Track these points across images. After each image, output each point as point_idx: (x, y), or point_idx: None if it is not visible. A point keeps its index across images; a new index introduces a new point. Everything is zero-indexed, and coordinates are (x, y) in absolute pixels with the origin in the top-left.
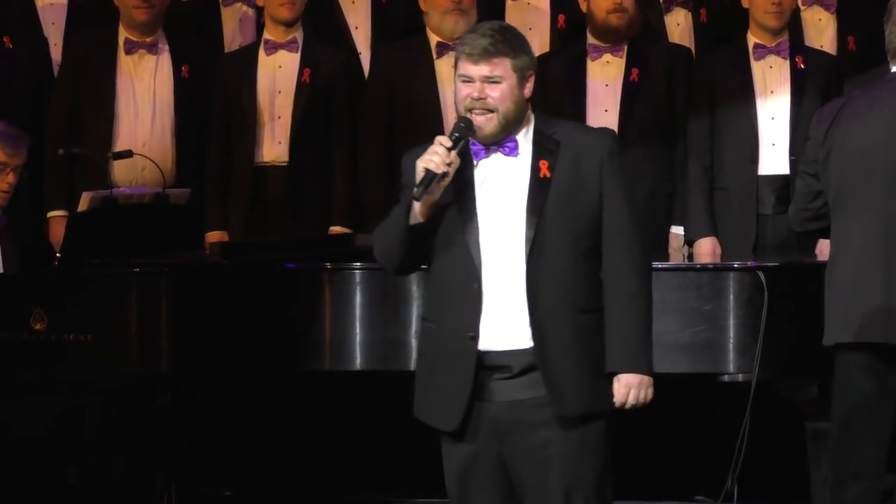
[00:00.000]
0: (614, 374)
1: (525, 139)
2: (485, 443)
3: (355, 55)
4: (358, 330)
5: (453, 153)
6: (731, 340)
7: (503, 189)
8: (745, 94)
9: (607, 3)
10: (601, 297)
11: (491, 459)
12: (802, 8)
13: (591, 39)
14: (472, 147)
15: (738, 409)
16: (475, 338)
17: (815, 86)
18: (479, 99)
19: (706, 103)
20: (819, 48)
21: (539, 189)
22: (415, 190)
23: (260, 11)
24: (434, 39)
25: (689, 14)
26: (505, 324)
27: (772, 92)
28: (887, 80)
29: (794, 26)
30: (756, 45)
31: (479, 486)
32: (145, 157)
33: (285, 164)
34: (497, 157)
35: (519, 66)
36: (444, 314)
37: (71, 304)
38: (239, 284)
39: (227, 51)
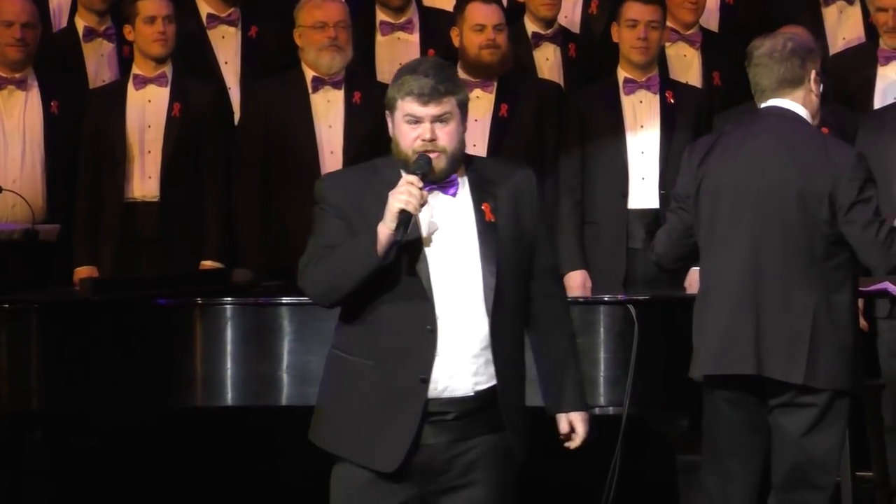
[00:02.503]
0: (563, 412)
1: (462, 178)
2: (414, 486)
3: (225, 90)
4: (229, 365)
5: (425, 192)
6: (602, 374)
7: (449, 231)
8: (615, 129)
9: (480, 39)
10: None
11: (415, 501)
12: (667, 44)
13: (461, 74)
14: None
15: (610, 442)
16: (426, 380)
17: (684, 120)
18: (431, 140)
19: (577, 138)
20: (687, 83)
21: (488, 234)
22: (397, 232)
23: (121, 46)
24: (310, 74)
25: (559, 49)
26: (457, 369)
27: (642, 126)
28: (758, 116)
29: (660, 62)
30: (626, 80)
31: None
32: (15, 193)
33: (156, 199)
34: (435, 195)
35: (462, 102)
36: (387, 354)
37: None
38: (110, 321)
39: (90, 86)
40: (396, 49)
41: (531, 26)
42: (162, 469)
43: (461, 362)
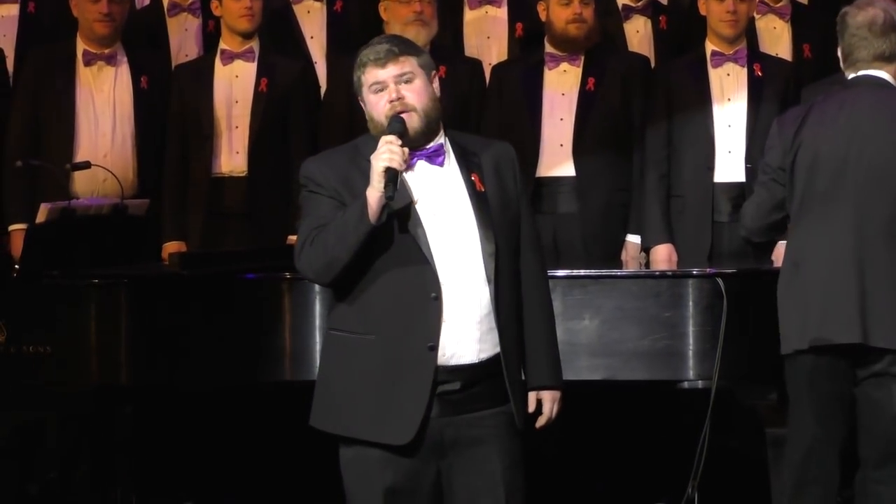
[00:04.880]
0: (536, 388)
1: (446, 148)
2: (426, 459)
3: (311, 64)
4: (318, 339)
5: (405, 149)
6: (691, 347)
7: (442, 200)
8: (702, 102)
9: (567, 14)
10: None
11: (430, 477)
12: (757, 17)
13: (548, 48)
14: None
15: (699, 416)
16: (434, 348)
17: (772, 93)
18: (398, 99)
19: (663, 111)
20: (776, 56)
21: (481, 202)
22: (386, 191)
23: (205, 21)
24: None
25: (649, 21)
26: (461, 336)
27: (729, 99)
28: (852, 84)
29: (750, 35)
30: (714, 53)
31: (411, 503)
32: (104, 168)
33: (243, 174)
34: (423, 167)
35: (424, 64)
36: (391, 325)
37: (30, 316)
38: (198, 295)
39: (173, 60)
40: (484, 24)
41: None
42: (249, 443)
43: (466, 328)
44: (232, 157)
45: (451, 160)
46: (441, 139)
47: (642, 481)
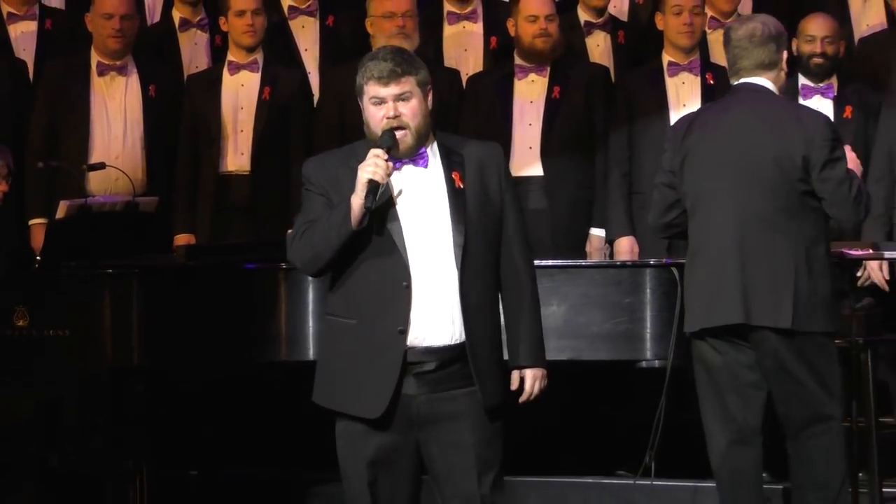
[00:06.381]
0: (518, 367)
1: (432, 151)
2: (404, 433)
3: (305, 75)
4: (311, 323)
5: (390, 163)
6: (648, 330)
7: (421, 197)
8: (660, 108)
9: (533, 29)
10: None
11: (410, 448)
12: (709, 31)
13: (517, 60)
14: None
15: (655, 392)
16: (404, 331)
17: None
18: (395, 117)
19: (625, 116)
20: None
21: (457, 199)
22: (366, 200)
23: (213, 35)
24: None
25: (609, 36)
26: (432, 320)
27: (684, 105)
28: (732, 91)
29: (702, 47)
30: (670, 63)
31: (392, 471)
32: (117, 168)
33: (247, 173)
34: (408, 169)
35: (422, 82)
36: (368, 310)
37: (50, 303)
38: (203, 284)
39: (185, 72)
40: (462, 37)
41: (583, 15)
42: (249, 417)
43: (436, 314)
44: (237, 158)
45: (435, 161)
46: (428, 145)
47: (604, 451)
